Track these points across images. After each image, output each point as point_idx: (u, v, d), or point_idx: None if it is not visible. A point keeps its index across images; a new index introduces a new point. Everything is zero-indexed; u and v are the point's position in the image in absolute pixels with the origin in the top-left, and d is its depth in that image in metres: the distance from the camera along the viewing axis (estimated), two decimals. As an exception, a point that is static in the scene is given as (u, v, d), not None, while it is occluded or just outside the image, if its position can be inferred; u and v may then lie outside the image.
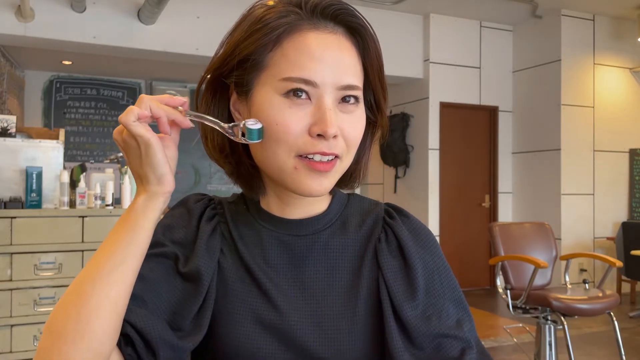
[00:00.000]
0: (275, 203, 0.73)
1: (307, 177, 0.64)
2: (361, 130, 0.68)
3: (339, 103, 0.65)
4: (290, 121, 0.63)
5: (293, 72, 0.63)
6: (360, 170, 0.74)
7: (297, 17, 0.65)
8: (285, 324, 0.67)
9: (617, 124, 5.90)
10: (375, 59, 0.68)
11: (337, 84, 0.64)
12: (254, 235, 0.73)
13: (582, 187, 5.70)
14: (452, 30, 5.90)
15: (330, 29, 0.66)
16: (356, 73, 0.66)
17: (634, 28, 5.69)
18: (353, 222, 0.75)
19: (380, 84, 0.70)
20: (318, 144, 0.63)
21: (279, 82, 0.63)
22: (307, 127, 0.63)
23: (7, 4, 4.32)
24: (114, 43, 4.67)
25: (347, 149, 0.66)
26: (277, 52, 0.64)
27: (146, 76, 6.97)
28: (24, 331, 2.84)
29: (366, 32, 0.67)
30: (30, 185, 2.95)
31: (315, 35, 0.64)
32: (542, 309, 3.02)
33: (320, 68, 0.63)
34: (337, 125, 0.64)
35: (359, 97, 0.67)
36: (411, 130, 6.05)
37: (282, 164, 0.65)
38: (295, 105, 0.63)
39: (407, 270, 0.70)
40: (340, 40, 0.66)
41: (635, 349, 3.98)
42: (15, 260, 2.84)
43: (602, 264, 5.54)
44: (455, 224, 6.01)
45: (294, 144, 0.63)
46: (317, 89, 0.63)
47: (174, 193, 0.67)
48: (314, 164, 0.64)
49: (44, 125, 6.65)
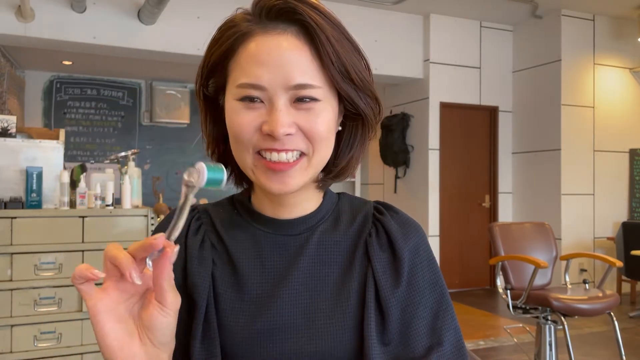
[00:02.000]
0: (267, 205, 0.74)
1: (267, 177, 0.67)
2: (326, 126, 0.67)
3: (294, 102, 0.65)
4: (245, 122, 0.65)
5: (242, 78, 0.65)
6: (351, 164, 0.74)
7: (249, 24, 0.66)
8: (279, 322, 0.67)
9: (617, 124, 5.90)
10: (333, 54, 0.65)
11: (286, 84, 0.64)
12: (247, 238, 0.74)
13: (582, 187, 5.70)
14: (452, 30, 5.90)
15: (279, 30, 0.65)
16: (308, 71, 0.65)
17: (634, 28, 5.70)
18: (344, 219, 0.76)
19: (350, 80, 0.67)
20: (270, 141, 0.65)
21: (235, 89, 0.66)
22: (259, 126, 0.65)
23: (7, 4, 4.32)
24: (114, 43, 4.67)
25: (312, 144, 0.66)
26: (234, 60, 0.67)
27: (146, 76, 6.97)
28: (24, 331, 2.84)
29: (317, 28, 0.65)
30: (30, 186, 2.95)
31: (263, 39, 0.65)
32: (542, 309, 3.03)
33: (267, 71, 0.64)
34: (290, 123, 0.65)
35: (316, 95, 0.65)
36: (411, 130, 6.06)
37: (245, 163, 0.68)
38: (250, 108, 0.66)
39: (396, 264, 0.72)
40: (289, 40, 0.65)
41: (635, 349, 3.98)
42: (15, 260, 2.84)
43: (602, 264, 5.54)
44: (455, 224, 6.01)
45: (249, 141, 0.66)
46: (266, 92, 0.64)
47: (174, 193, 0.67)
48: (269, 164, 0.66)
49: (44, 125, 6.65)
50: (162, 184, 7.01)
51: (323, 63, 0.66)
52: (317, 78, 0.66)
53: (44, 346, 2.87)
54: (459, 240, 6.02)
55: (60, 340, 2.90)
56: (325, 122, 0.67)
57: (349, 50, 0.67)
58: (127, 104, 7.08)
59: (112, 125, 6.99)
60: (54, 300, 2.89)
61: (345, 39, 0.67)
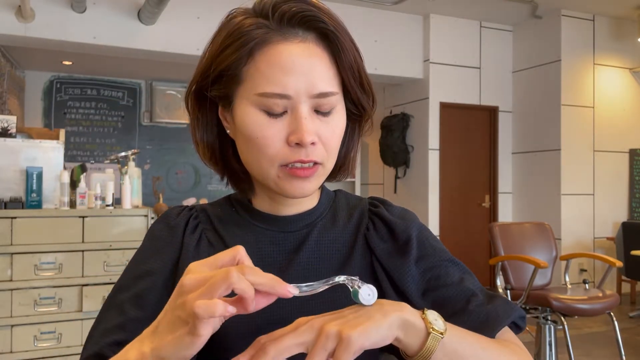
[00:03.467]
0: (266, 202, 0.75)
1: (289, 183, 0.67)
2: (340, 134, 0.69)
3: (315, 110, 0.66)
4: (269, 134, 0.65)
5: (267, 87, 0.64)
6: (349, 163, 0.77)
7: (267, 30, 0.65)
8: (278, 317, 0.67)
9: (617, 124, 5.90)
10: (351, 60, 0.68)
11: (311, 92, 0.65)
12: (246, 235, 0.74)
13: (582, 187, 5.70)
14: (452, 30, 5.90)
15: (300, 38, 0.66)
16: (329, 79, 0.66)
17: (634, 28, 5.70)
18: (342, 216, 0.78)
19: (360, 84, 0.70)
20: (297, 152, 0.65)
21: (255, 96, 0.65)
22: (285, 138, 0.65)
23: (7, 4, 4.32)
24: (114, 43, 4.67)
25: (327, 154, 0.68)
26: (251, 66, 0.66)
27: (146, 76, 6.97)
28: (24, 331, 2.84)
29: (337, 35, 0.66)
30: (30, 186, 2.96)
31: (285, 46, 0.65)
32: (542, 309, 3.03)
33: (292, 80, 0.64)
34: (314, 132, 0.65)
35: (336, 101, 0.67)
36: (411, 130, 6.06)
37: (266, 174, 0.68)
38: (273, 118, 0.65)
39: (399, 248, 0.73)
40: (310, 47, 0.66)
41: (635, 349, 3.99)
42: (15, 260, 2.84)
43: (602, 264, 5.54)
44: (455, 224, 6.01)
45: (276, 156, 0.66)
46: (292, 100, 0.65)
47: (174, 193, 0.67)
48: (295, 171, 0.66)
49: (44, 125, 6.65)
50: (162, 184, 7.00)
51: (340, 70, 0.67)
52: (335, 85, 0.67)
53: (44, 346, 2.87)
54: (459, 240, 6.02)
55: (60, 340, 2.90)
56: (340, 132, 0.70)
57: (359, 57, 0.70)
58: (127, 104, 7.08)
59: (112, 125, 6.99)
60: (54, 300, 2.89)
61: (355, 47, 0.69)
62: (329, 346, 0.50)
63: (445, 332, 0.55)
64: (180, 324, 0.48)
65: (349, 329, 0.50)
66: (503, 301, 0.69)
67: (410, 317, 0.54)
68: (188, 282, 0.48)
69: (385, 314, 0.53)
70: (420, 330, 0.54)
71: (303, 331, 0.51)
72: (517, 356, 0.62)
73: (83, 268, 2.96)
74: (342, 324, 0.51)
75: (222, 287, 0.46)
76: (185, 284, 0.48)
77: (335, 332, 0.50)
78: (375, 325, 0.51)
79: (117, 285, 0.73)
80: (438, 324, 0.55)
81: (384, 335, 0.52)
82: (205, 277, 0.48)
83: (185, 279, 0.49)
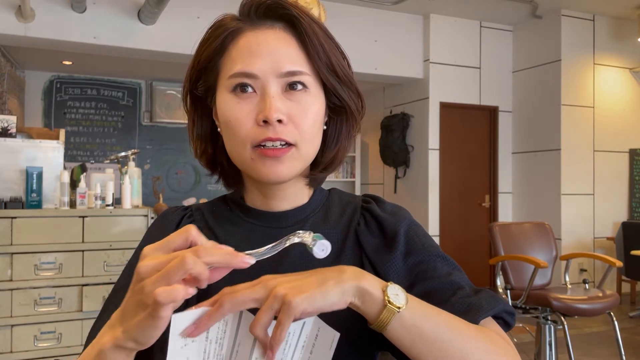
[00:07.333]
0: (258, 198, 0.77)
1: (262, 164, 0.68)
2: (313, 117, 0.70)
3: (285, 91, 0.68)
4: (240, 115, 0.68)
5: (235, 68, 0.68)
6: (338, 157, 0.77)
7: (239, 23, 0.71)
8: None
9: (617, 124, 5.90)
10: (317, 46, 0.70)
11: (277, 71, 0.68)
12: (240, 231, 0.76)
13: (582, 187, 5.70)
14: (452, 30, 5.90)
15: (268, 26, 0.70)
16: (297, 60, 0.69)
17: (634, 28, 5.70)
18: (334, 212, 0.79)
19: (333, 70, 0.71)
20: (265, 130, 0.67)
21: (226, 80, 0.69)
22: (254, 117, 0.67)
23: (7, 4, 4.32)
24: (114, 43, 4.67)
25: (301, 135, 0.69)
26: (225, 56, 0.70)
27: (146, 76, 6.97)
28: (24, 331, 2.84)
29: (301, 21, 0.69)
30: (30, 186, 2.96)
31: (253, 33, 0.70)
32: (542, 309, 3.03)
33: (259, 60, 0.68)
34: (283, 111, 0.67)
35: (306, 82, 0.69)
36: (411, 130, 6.06)
37: (241, 157, 0.70)
38: (243, 99, 0.68)
39: (386, 243, 0.74)
40: (277, 32, 0.70)
41: (635, 349, 3.99)
42: (15, 260, 2.84)
43: (602, 264, 5.54)
44: (455, 224, 6.01)
45: (247, 137, 0.68)
46: (259, 80, 0.67)
47: (174, 193, 0.68)
48: (265, 151, 0.68)
49: (45, 125, 6.65)
50: (162, 184, 7.00)
51: (310, 55, 0.70)
52: (306, 67, 0.70)
53: (44, 346, 2.87)
54: (459, 240, 6.02)
55: (60, 340, 2.90)
56: (313, 113, 0.70)
57: (332, 47, 0.72)
58: (127, 104, 7.08)
59: (112, 125, 6.99)
60: (54, 300, 2.90)
61: (327, 37, 0.72)
62: (275, 307, 0.52)
63: (403, 307, 0.55)
64: (141, 307, 0.50)
65: (294, 293, 0.52)
66: (489, 294, 0.68)
67: (368, 286, 0.55)
68: (144, 269, 0.50)
69: (340, 281, 0.54)
70: (377, 301, 0.55)
71: (259, 289, 0.54)
72: (494, 344, 0.59)
73: (83, 268, 2.96)
74: (291, 288, 0.53)
75: (178, 274, 0.48)
76: (142, 271, 0.50)
77: (282, 295, 0.52)
78: (323, 292, 0.53)
79: (115, 285, 0.75)
80: (398, 298, 0.56)
81: (333, 301, 0.53)
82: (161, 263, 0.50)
83: (141, 266, 0.51)
